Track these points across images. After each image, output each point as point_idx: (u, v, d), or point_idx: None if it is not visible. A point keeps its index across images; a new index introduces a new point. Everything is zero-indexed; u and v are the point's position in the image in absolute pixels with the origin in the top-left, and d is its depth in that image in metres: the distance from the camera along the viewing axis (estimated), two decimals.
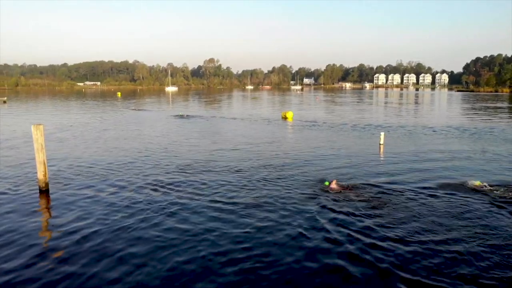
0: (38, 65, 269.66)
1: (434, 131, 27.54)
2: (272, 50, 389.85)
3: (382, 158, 17.91)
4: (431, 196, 11.57)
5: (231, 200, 11.16)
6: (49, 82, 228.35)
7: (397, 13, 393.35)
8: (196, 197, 11.40)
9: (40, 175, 11.71)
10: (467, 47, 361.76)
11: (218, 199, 11.30)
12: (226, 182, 13.06)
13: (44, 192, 11.74)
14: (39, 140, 11.52)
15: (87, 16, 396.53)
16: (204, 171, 14.76)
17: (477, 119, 37.52)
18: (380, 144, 20.72)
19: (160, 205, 10.74)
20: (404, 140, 23.31)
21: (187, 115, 41.36)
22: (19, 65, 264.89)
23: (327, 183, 12.42)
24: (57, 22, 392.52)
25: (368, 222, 9.41)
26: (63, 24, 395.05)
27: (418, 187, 12.46)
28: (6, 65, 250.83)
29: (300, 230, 8.98)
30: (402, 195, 11.68)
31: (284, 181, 13.20)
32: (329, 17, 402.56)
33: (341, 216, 9.81)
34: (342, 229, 8.99)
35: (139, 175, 14.07)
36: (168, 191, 12.08)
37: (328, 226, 9.17)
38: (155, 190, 12.21)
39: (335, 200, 11.08)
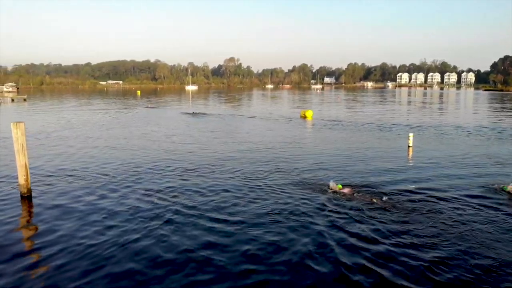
0: (63, 64, 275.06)
1: (468, 131, 25.14)
2: (293, 49, 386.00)
3: (411, 162, 15.88)
4: (472, 206, 9.63)
5: (232, 211, 9.52)
6: (72, 81, 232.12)
7: (421, 11, 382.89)
8: (192, 208, 9.80)
9: (21, 180, 10.34)
10: (494, 45, 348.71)
11: (218, 208, 9.68)
12: (229, 190, 11.44)
13: (26, 198, 10.37)
14: (20, 140, 10.16)
15: (110, 16, 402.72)
16: (206, 176, 13.17)
17: None
18: (408, 146, 18.62)
19: (151, 216, 9.20)
20: (436, 141, 21.10)
21: (201, 113, 40.32)
22: (45, 64, 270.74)
23: (339, 186, 11.15)
24: (81, 22, 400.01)
25: (384, 234, 7.60)
26: (87, 23, 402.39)
27: (455, 196, 10.57)
28: (32, 65, 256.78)
29: (308, 249, 7.26)
30: (433, 204, 9.91)
31: (296, 187, 11.47)
32: (351, 16, 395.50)
33: (351, 229, 8.03)
34: (351, 243, 7.24)
35: (133, 180, 12.60)
36: (162, 199, 10.51)
37: (337, 244, 7.41)
38: (148, 197, 10.69)
39: (347, 207, 9.33)
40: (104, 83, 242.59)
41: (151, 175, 13.24)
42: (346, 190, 10.90)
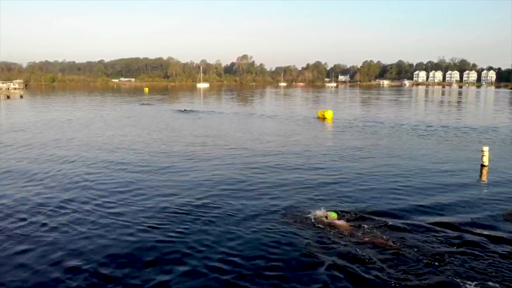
0: (76, 61, 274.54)
1: None
2: (306, 47, 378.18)
3: (485, 191, 10.82)
4: None
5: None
6: (84, 78, 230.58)
7: (438, 8, 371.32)
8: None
9: None
10: None
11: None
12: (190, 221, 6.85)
13: None
14: None
15: (124, 14, 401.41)
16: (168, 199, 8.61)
17: None
18: (482, 165, 13.11)
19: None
20: None
21: (189, 109, 38.37)
22: (59, 61, 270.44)
23: (334, 214, 8.36)
24: (95, 20, 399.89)
25: None
26: (101, 21, 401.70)
27: None
28: (46, 62, 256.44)
29: None
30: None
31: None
32: (366, 13, 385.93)
33: None
34: None
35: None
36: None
37: None
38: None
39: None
40: (116, 80, 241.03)
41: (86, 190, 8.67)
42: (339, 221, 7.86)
